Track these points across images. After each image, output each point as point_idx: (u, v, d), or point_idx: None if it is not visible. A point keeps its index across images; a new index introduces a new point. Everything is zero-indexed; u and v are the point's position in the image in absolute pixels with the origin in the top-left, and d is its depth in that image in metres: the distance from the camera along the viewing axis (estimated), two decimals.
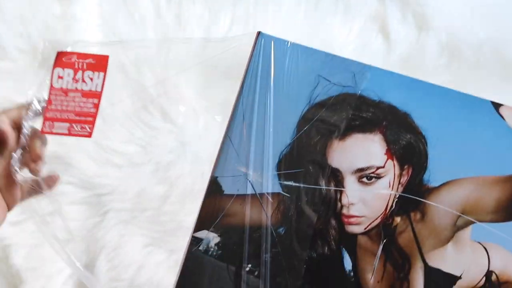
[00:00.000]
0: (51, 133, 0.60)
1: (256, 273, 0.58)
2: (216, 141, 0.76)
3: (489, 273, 0.57)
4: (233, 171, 0.60)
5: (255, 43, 0.61)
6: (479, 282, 0.57)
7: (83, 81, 0.60)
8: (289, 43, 0.62)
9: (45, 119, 0.60)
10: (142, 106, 0.85)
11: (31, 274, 0.78)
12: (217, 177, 0.60)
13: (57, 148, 0.80)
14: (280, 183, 0.59)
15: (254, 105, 0.60)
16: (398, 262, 0.58)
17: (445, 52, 0.80)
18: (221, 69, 0.86)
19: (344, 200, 0.59)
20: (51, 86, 0.59)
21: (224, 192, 0.60)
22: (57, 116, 0.60)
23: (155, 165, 0.86)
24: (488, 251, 0.58)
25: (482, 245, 0.58)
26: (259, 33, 0.61)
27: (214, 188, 0.60)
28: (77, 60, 0.59)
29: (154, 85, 0.86)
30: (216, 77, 0.87)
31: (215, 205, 0.60)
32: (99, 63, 0.58)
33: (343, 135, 0.59)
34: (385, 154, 0.60)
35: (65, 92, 0.60)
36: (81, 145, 0.80)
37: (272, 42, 0.61)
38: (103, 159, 0.84)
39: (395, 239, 0.59)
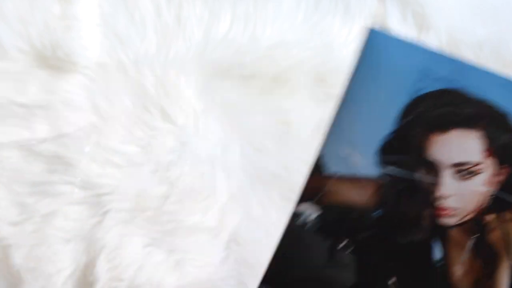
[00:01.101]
0: None
1: (349, 250, 0.63)
2: (216, 141, 0.77)
3: None
4: (338, 152, 0.64)
5: (366, 39, 0.66)
6: None
7: None
8: (396, 38, 0.66)
9: None
10: (142, 106, 0.85)
11: (30, 274, 0.78)
12: (321, 156, 0.65)
13: (57, 148, 0.80)
14: (381, 169, 0.63)
15: (361, 94, 0.64)
16: (486, 258, 0.60)
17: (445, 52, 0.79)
18: (221, 69, 0.86)
19: (440, 193, 0.62)
20: None
21: (328, 171, 0.64)
22: None
23: (155, 165, 0.86)
24: None
25: None
26: (370, 29, 0.67)
27: (318, 166, 0.64)
28: None
29: (154, 85, 0.85)
30: (216, 77, 0.87)
31: (318, 183, 0.65)
32: None
33: (444, 129, 0.62)
34: (484, 151, 0.62)
35: None
36: (81, 145, 0.80)
37: (379, 37, 0.66)
38: (103, 159, 0.84)
39: (485, 236, 0.61)
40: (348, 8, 0.83)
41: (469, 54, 0.77)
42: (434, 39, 0.79)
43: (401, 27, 0.80)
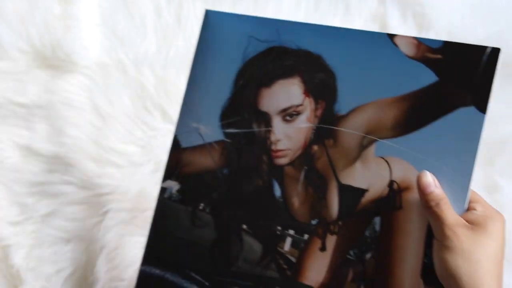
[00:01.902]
0: None
1: (207, 210, 0.72)
2: None
3: (391, 183, 0.66)
4: (188, 127, 0.72)
5: (203, 20, 0.73)
6: (383, 192, 0.66)
7: None
8: (227, 13, 0.73)
9: None
10: (142, 106, 0.85)
11: (30, 274, 0.79)
12: (176, 135, 0.73)
13: (57, 148, 0.80)
14: (223, 132, 0.71)
15: (202, 70, 0.72)
16: (316, 184, 0.68)
17: None
18: None
19: (272, 138, 0.70)
20: None
21: (182, 146, 0.73)
22: None
23: (155, 165, 0.86)
24: (390, 164, 0.66)
25: (385, 159, 0.66)
26: (206, 10, 0.72)
27: (174, 144, 0.73)
28: None
29: (154, 85, 0.86)
30: None
31: (175, 158, 0.73)
32: None
33: (270, 83, 0.70)
34: (303, 93, 0.69)
35: None
36: (81, 145, 0.80)
37: (214, 16, 0.73)
38: (103, 159, 0.84)
39: (313, 165, 0.69)
40: (348, 8, 0.83)
41: None
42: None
43: (401, 27, 0.80)
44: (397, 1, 0.81)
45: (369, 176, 0.67)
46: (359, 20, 0.82)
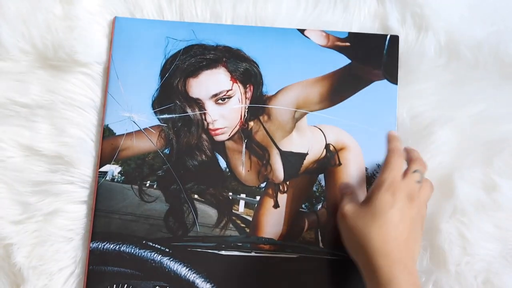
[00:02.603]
0: None
1: (154, 186, 0.77)
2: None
3: (327, 146, 0.78)
4: (119, 117, 0.78)
5: (114, 26, 0.81)
6: (321, 153, 0.78)
7: None
8: (138, 19, 0.82)
9: None
10: None
11: (33, 272, 0.75)
12: (107, 124, 0.79)
13: (58, 148, 0.77)
14: (158, 118, 0.79)
15: (124, 67, 0.80)
16: (259, 153, 0.78)
17: (444, 52, 0.81)
18: None
19: (208, 119, 0.78)
20: None
21: (116, 134, 0.79)
22: None
23: None
24: (323, 131, 0.78)
25: (318, 127, 0.78)
26: (115, 17, 0.81)
27: (107, 133, 0.78)
28: None
29: None
30: None
31: (111, 144, 0.78)
32: None
33: (196, 73, 0.79)
34: (230, 80, 0.79)
35: None
36: (81, 145, 0.78)
37: (124, 22, 0.82)
38: None
39: (253, 138, 0.78)
40: (347, 8, 0.86)
41: (467, 54, 0.78)
42: (433, 40, 0.80)
43: (400, 28, 0.81)
44: (396, 1, 0.83)
45: (306, 142, 0.78)
46: (358, 20, 0.82)
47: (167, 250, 0.74)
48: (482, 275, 0.73)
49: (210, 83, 0.79)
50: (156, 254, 0.74)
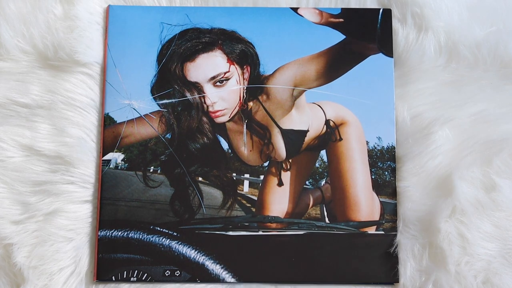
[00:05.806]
0: None
1: (158, 171, 0.78)
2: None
3: (327, 122, 0.79)
4: (119, 105, 0.79)
5: (107, 15, 0.82)
6: (322, 130, 0.79)
7: None
8: (132, 6, 0.83)
9: None
10: None
11: (33, 272, 0.75)
12: (108, 113, 0.79)
13: (58, 148, 0.78)
14: (157, 103, 0.79)
15: (121, 55, 0.80)
16: (260, 133, 0.78)
17: (444, 52, 0.81)
18: None
19: (208, 102, 0.79)
20: None
21: (117, 122, 0.79)
22: None
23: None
24: (322, 107, 0.79)
25: (317, 104, 0.79)
26: (109, 5, 0.82)
27: (108, 121, 0.79)
28: None
29: None
30: None
31: (113, 132, 0.79)
32: None
33: (193, 57, 0.79)
34: (227, 62, 0.80)
35: None
36: (81, 145, 0.78)
37: (118, 10, 0.82)
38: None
39: (253, 118, 0.79)
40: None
41: (467, 54, 0.78)
42: (433, 39, 0.81)
43: (400, 27, 0.81)
44: (396, 1, 0.82)
45: (306, 119, 0.79)
46: None
47: (175, 234, 0.75)
48: (481, 274, 0.72)
49: (207, 66, 0.79)
50: (164, 239, 0.75)
